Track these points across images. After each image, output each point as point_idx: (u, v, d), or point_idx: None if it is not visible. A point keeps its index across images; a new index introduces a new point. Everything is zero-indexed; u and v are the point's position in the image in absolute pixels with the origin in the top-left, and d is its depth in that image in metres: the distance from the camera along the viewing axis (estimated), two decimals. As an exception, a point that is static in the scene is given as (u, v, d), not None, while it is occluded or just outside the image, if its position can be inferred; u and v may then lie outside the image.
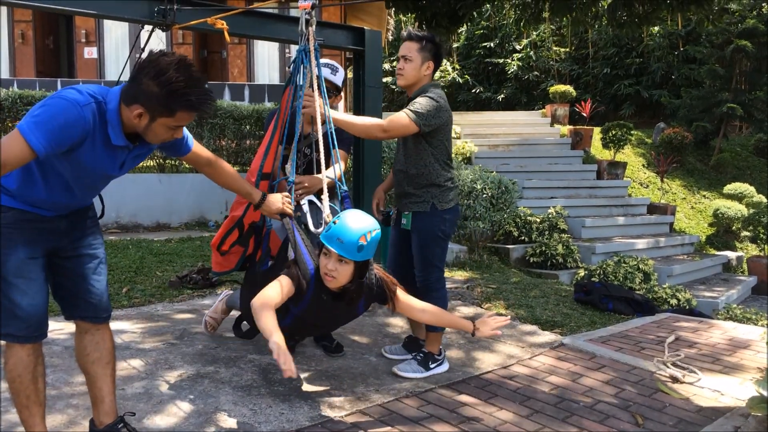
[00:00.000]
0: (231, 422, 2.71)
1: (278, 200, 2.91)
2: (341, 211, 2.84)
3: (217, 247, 3.27)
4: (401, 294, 2.83)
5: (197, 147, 2.55)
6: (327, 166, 3.18)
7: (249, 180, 3.48)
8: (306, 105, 3.06)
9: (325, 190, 3.03)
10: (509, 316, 3.05)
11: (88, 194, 2.33)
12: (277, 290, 2.57)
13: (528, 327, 4.35)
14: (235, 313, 4.01)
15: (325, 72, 3.40)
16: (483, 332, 2.77)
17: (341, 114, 3.20)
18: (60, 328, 3.79)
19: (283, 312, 2.64)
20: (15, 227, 2.16)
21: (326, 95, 3.13)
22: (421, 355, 3.41)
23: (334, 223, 2.60)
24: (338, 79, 3.59)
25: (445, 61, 18.83)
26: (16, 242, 2.15)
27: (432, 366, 3.37)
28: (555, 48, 17.68)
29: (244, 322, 3.34)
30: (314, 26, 3.07)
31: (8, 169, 1.98)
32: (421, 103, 3.25)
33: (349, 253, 2.56)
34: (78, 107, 2.03)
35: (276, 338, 2.30)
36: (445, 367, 3.45)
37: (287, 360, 2.22)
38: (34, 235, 2.18)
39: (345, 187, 3.15)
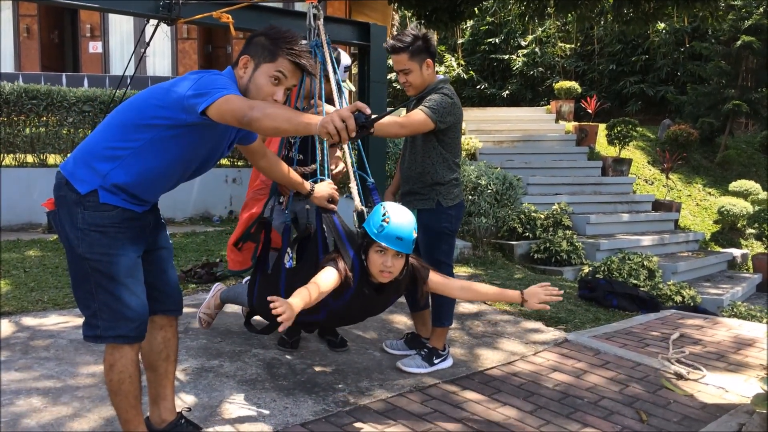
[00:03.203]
0: (235, 416, 2.71)
1: (326, 188, 2.92)
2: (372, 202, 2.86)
3: (235, 245, 3.26)
4: (433, 275, 2.81)
5: (259, 139, 2.59)
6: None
7: (258, 184, 3.49)
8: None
9: (353, 178, 3.00)
10: (562, 291, 2.85)
11: (193, 175, 2.33)
12: (331, 279, 2.50)
13: (532, 323, 4.34)
14: (234, 308, 4.01)
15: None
16: (530, 304, 2.73)
17: None
18: (65, 321, 3.81)
19: (317, 307, 2.53)
20: (121, 226, 2.13)
21: (343, 96, 3.11)
22: (426, 350, 3.41)
23: (385, 222, 2.56)
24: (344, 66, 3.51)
25: (449, 56, 18.77)
26: (124, 242, 2.13)
27: (436, 361, 3.37)
28: (560, 44, 17.59)
29: (256, 318, 3.32)
30: (322, 20, 3.06)
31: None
32: (435, 99, 3.24)
33: (407, 248, 2.60)
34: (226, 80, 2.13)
35: (292, 302, 2.20)
36: (449, 362, 3.44)
37: (287, 311, 2.10)
38: (136, 234, 2.15)
39: (371, 179, 3.16)
